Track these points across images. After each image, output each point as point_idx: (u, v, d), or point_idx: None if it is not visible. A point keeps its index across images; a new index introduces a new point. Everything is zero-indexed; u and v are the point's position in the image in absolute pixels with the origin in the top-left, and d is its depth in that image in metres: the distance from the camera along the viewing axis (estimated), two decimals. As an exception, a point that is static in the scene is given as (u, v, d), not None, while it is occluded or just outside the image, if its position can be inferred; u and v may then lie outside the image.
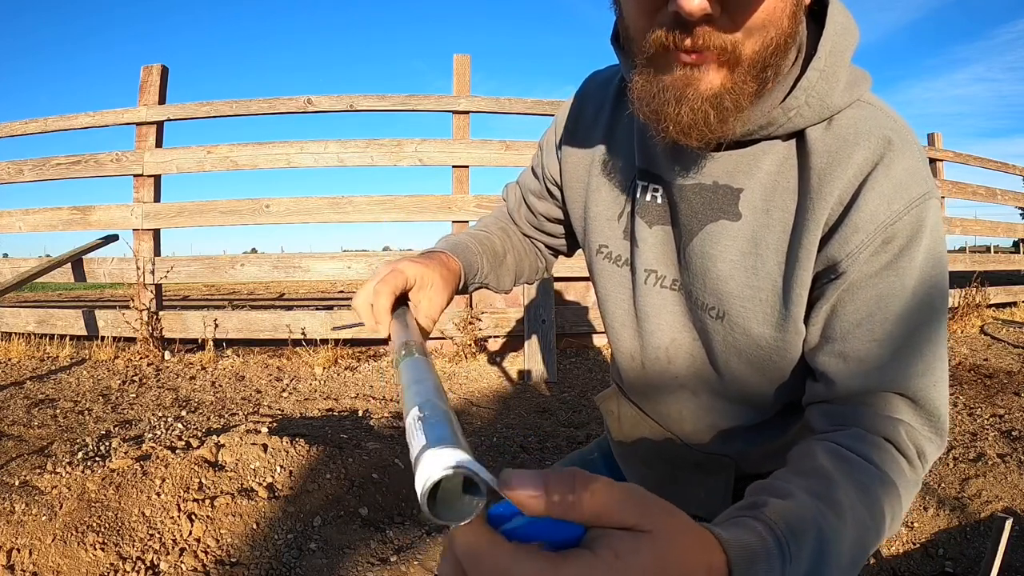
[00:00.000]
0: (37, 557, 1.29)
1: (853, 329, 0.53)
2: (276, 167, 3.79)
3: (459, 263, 0.69)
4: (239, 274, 3.81)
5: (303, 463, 1.69)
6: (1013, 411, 2.46)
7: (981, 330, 4.56)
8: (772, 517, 0.39)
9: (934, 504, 1.62)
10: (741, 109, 0.51)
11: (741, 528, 0.38)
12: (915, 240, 0.52)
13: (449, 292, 0.64)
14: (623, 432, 0.79)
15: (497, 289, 0.80)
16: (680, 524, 0.32)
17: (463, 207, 3.74)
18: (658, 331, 0.67)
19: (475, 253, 0.73)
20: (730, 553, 0.34)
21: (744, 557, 0.35)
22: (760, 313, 0.58)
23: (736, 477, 0.70)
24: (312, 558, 1.38)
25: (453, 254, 0.69)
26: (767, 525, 0.38)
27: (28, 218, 4.00)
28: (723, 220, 0.59)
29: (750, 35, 0.47)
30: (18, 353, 3.46)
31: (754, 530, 0.37)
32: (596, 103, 0.72)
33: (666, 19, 0.47)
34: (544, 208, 0.81)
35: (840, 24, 0.54)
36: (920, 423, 0.53)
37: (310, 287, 11.85)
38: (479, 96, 3.87)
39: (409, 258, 0.62)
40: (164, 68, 3.88)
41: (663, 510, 0.31)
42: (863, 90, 0.56)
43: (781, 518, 0.39)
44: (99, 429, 2.25)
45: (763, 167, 0.57)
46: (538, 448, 2.17)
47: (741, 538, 0.36)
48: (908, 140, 0.54)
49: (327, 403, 2.67)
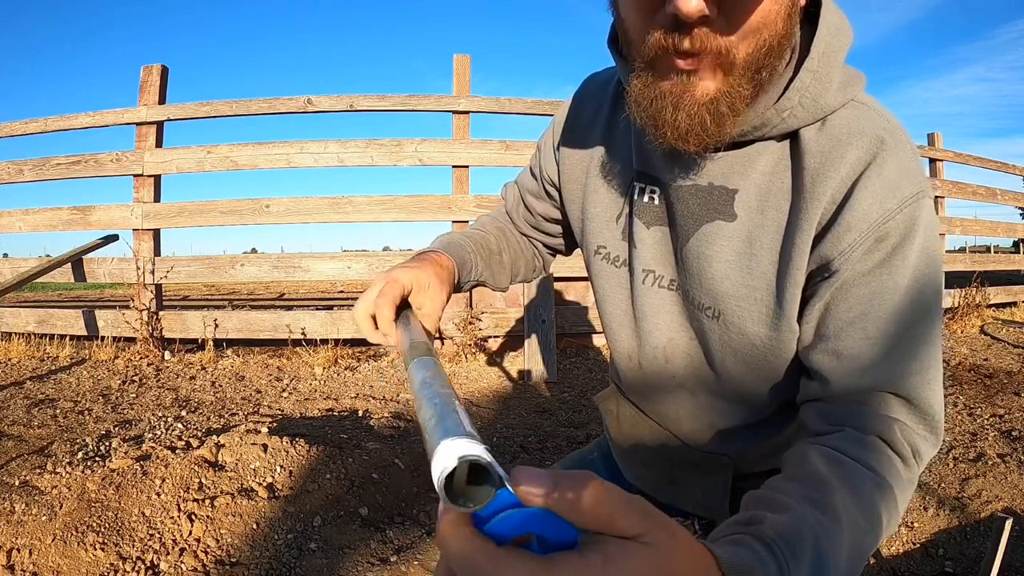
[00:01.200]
0: (37, 557, 1.29)
1: (846, 327, 0.53)
2: (276, 167, 3.79)
3: (452, 261, 0.69)
4: (239, 274, 3.81)
5: (303, 463, 1.69)
6: (1013, 411, 2.46)
7: (981, 330, 4.56)
8: (770, 535, 0.39)
9: (934, 504, 1.62)
10: (737, 113, 0.51)
11: (739, 547, 0.38)
12: (908, 239, 0.52)
13: (447, 290, 0.65)
14: (622, 432, 0.80)
15: (494, 286, 0.81)
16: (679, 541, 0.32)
17: (463, 207, 3.74)
18: (656, 331, 0.67)
19: (468, 251, 0.74)
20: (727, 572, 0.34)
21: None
22: (755, 312, 0.58)
23: (734, 476, 0.70)
24: (312, 558, 1.38)
25: (446, 252, 0.70)
26: (764, 543, 0.38)
27: (28, 218, 4.00)
28: (719, 220, 0.59)
29: (745, 37, 0.48)
30: (18, 353, 3.46)
31: (752, 548, 0.38)
32: (594, 105, 0.72)
33: (664, 21, 0.47)
34: (542, 208, 0.81)
35: (833, 25, 0.54)
36: (915, 421, 0.53)
37: (310, 287, 11.85)
38: (479, 96, 3.87)
39: (401, 265, 0.63)
40: (164, 68, 3.88)
41: (664, 526, 0.31)
42: (857, 90, 0.56)
43: (779, 535, 0.39)
44: (99, 429, 2.25)
45: (758, 168, 0.57)
46: (538, 448, 2.17)
47: (738, 558, 0.36)
48: (901, 139, 0.54)
49: (327, 403, 2.67)
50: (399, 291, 0.59)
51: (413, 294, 0.61)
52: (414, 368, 0.43)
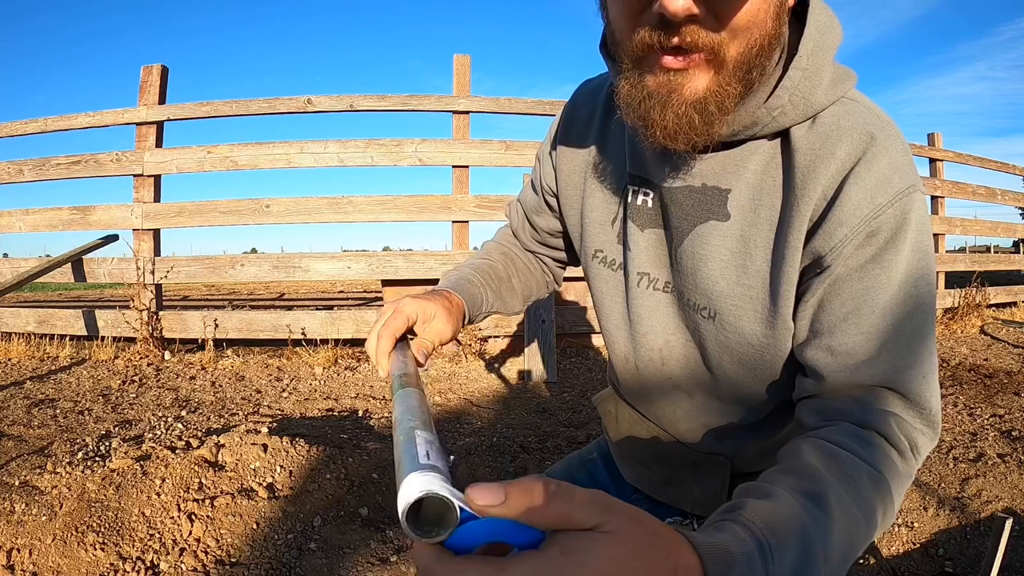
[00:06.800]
0: (37, 557, 1.29)
1: (839, 323, 0.53)
2: (276, 167, 3.79)
3: (461, 300, 0.71)
4: (239, 274, 3.81)
5: (303, 463, 1.69)
6: (1013, 411, 2.46)
7: (981, 330, 4.56)
8: (751, 518, 0.39)
9: (934, 504, 1.62)
10: (726, 112, 0.51)
11: (719, 531, 0.38)
12: (900, 233, 0.52)
13: (453, 323, 0.66)
14: (621, 433, 0.80)
15: (507, 312, 0.82)
16: (643, 526, 0.32)
17: (463, 207, 3.74)
18: (651, 333, 0.67)
19: (477, 285, 0.75)
20: (704, 555, 0.34)
21: (720, 560, 0.35)
22: (751, 311, 0.58)
23: (732, 475, 0.70)
24: (312, 558, 1.38)
25: (455, 291, 0.71)
26: (745, 526, 0.38)
27: (28, 218, 4.01)
28: (712, 221, 0.59)
29: (735, 36, 0.48)
30: (18, 353, 3.46)
31: (732, 532, 0.38)
32: (587, 110, 0.73)
33: (651, 21, 0.47)
34: (545, 224, 0.82)
35: (822, 23, 0.54)
36: (911, 416, 0.53)
37: (310, 287, 11.85)
38: (479, 96, 3.87)
39: (411, 296, 0.64)
40: (164, 68, 3.88)
41: (625, 513, 0.32)
42: (847, 87, 0.56)
43: (760, 518, 0.39)
44: (99, 429, 2.25)
45: (750, 167, 0.58)
46: (538, 448, 2.17)
47: (716, 540, 0.36)
48: (891, 135, 0.54)
49: (327, 403, 2.67)
50: (402, 323, 0.60)
51: (419, 324, 0.62)
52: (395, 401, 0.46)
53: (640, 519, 0.33)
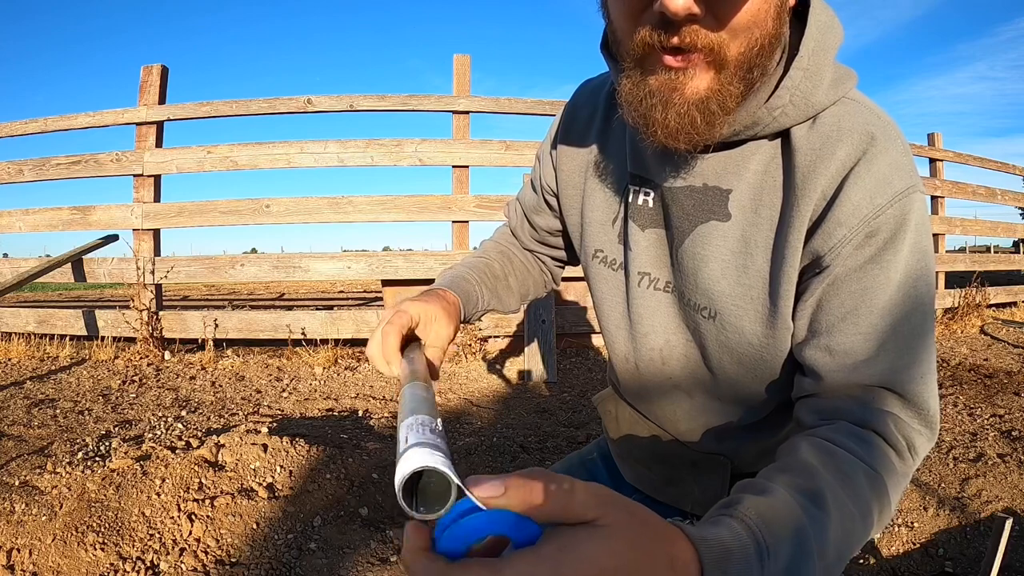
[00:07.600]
0: (37, 557, 1.29)
1: (838, 323, 0.53)
2: (276, 167, 3.79)
3: (457, 297, 0.70)
4: (239, 274, 3.81)
5: (303, 463, 1.69)
6: (1013, 411, 2.46)
7: (981, 330, 4.56)
8: (747, 513, 0.39)
9: (934, 504, 1.62)
10: (728, 112, 0.51)
11: (715, 525, 0.38)
12: (899, 234, 0.52)
13: (453, 324, 0.66)
14: (621, 432, 0.80)
15: (503, 311, 0.82)
16: (639, 519, 0.33)
17: (463, 207, 3.74)
18: (652, 333, 0.67)
19: (472, 283, 0.75)
20: (700, 548, 0.34)
21: (716, 553, 0.35)
22: (751, 311, 0.58)
23: (732, 475, 0.70)
24: (312, 558, 1.38)
25: (450, 290, 0.70)
26: (742, 521, 0.38)
27: (28, 218, 4.01)
28: (713, 221, 0.59)
29: (735, 36, 0.48)
30: (18, 353, 3.46)
31: (728, 527, 0.38)
32: (588, 110, 0.73)
33: (651, 20, 0.47)
34: (544, 223, 0.82)
35: (823, 23, 0.54)
36: (909, 415, 0.53)
37: (310, 287, 11.85)
38: (479, 96, 3.87)
39: (410, 298, 0.64)
40: (164, 68, 3.88)
41: (623, 507, 0.32)
42: (848, 88, 0.56)
43: (757, 514, 0.39)
44: (99, 429, 2.25)
45: (750, 167, 0.58)
46: (538, 448, 2.17)
47: (713, 534, 0.36)
48: (892, 135, 0.54)
49: (327, 403, 2.67)
50: (406, 321, 0.60)
51: (421, 327, 0.62)
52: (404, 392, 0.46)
53: (637, 512, 0.33)
